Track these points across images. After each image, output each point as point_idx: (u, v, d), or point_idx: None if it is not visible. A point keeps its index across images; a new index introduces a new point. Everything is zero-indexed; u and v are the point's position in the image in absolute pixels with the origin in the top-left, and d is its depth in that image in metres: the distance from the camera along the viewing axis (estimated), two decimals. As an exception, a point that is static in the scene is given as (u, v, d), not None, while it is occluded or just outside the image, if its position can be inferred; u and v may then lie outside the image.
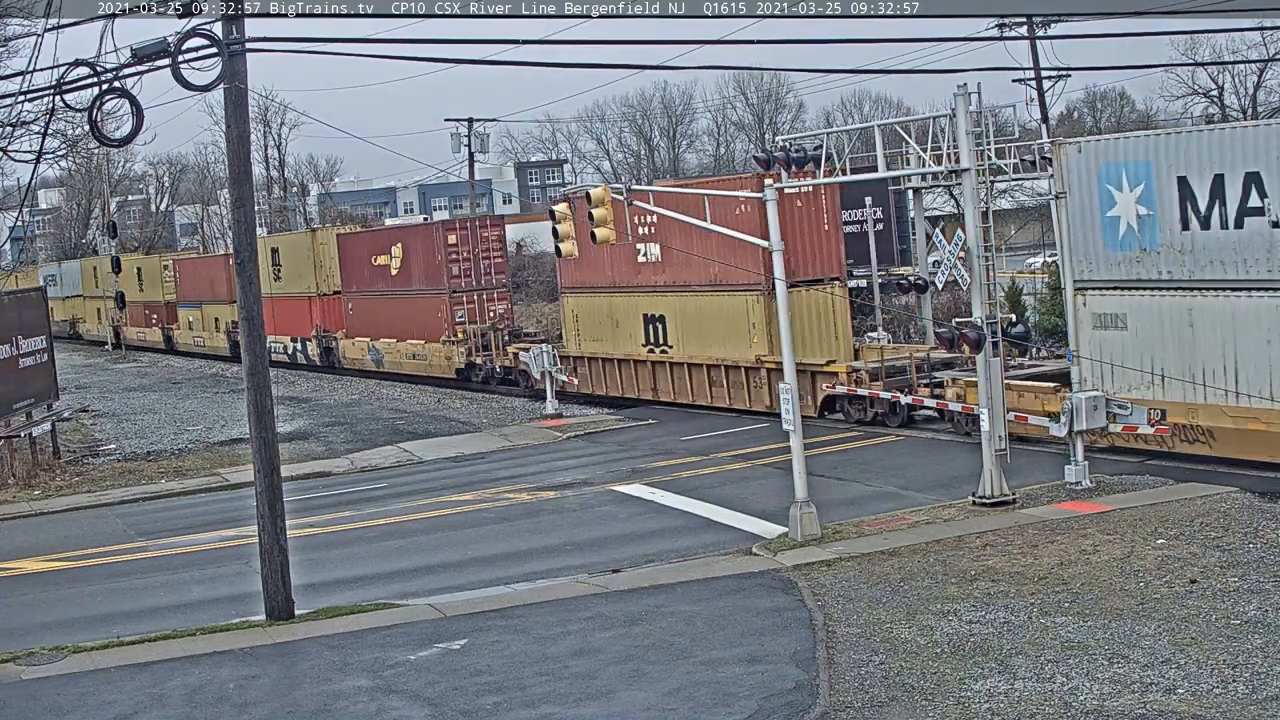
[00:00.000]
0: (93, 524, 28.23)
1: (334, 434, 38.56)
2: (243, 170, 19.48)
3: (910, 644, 15.71)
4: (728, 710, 13.99)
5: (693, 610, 17.83)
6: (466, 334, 44.92)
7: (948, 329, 22.87)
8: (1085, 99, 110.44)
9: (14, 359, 34.50)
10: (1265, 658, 14.30)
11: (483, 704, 14.84)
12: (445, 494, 28.32)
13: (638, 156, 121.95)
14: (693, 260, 34.40)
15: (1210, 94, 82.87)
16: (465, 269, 45.56)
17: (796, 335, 28.68)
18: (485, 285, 45.79)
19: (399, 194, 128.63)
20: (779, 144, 24.74)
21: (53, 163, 52.20)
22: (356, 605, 19.51)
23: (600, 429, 35.47)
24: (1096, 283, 25.68)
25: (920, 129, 23.83)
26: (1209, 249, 23.69)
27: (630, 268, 37.68)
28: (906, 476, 26.01)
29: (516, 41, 21.80)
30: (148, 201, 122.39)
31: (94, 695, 16.24)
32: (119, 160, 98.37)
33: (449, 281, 45.61)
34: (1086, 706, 13.35)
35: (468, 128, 68.40)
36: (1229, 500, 21.50)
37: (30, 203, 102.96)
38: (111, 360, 71.23)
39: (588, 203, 23.48)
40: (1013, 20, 51.17)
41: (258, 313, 19.50)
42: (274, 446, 19.36)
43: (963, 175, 22.78)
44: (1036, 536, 20.30)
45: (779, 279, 22.00)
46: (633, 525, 24.12)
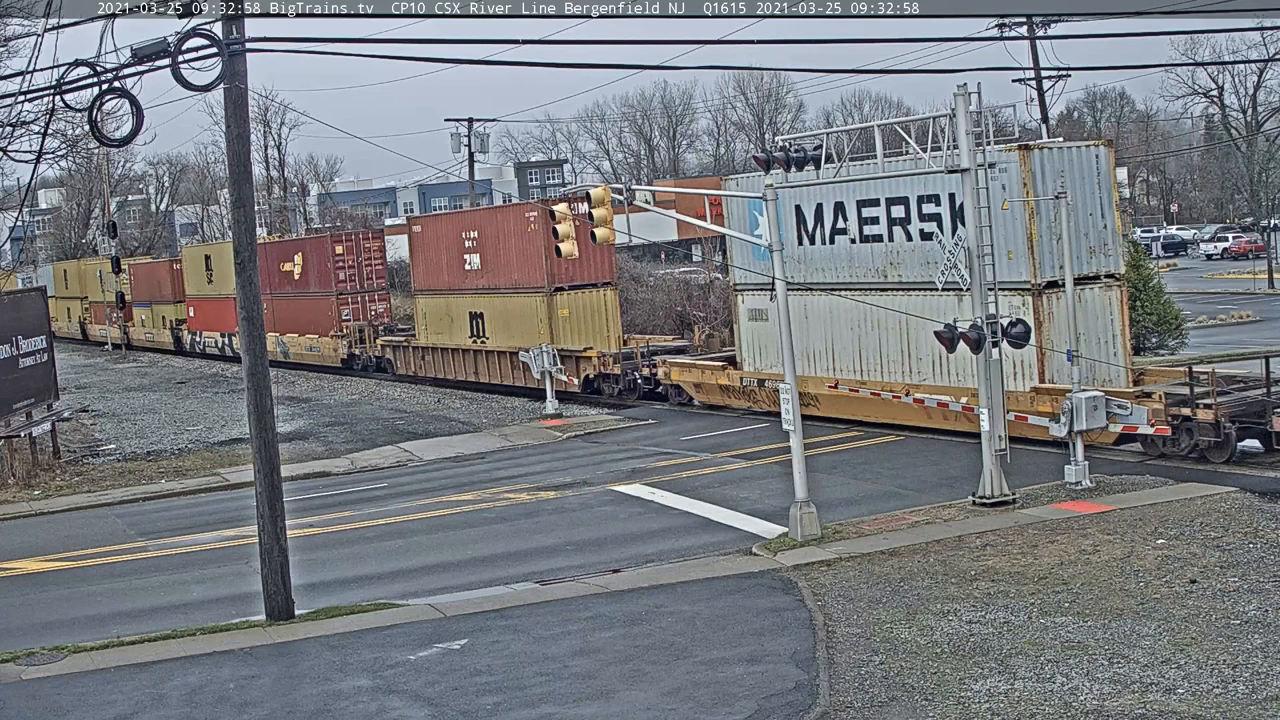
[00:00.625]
0: (93, 524, 28.23)
1: (334, 434, 38.57)
2: (243, 170, 19.48)
3: (910, 644, 15.71)
4: (728, 710, 14.00)
5: (693, 610, 17.84)
6: (349, 330, 52.97)
7: (947, 329, 22.86)
8: (1085, 99, 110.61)
9: (14, 359, 34.50)
10: (1265, 658, 14.31)
11: (483, 704, 14.84)
12: (445, 494, 28.32)
13: (638, 156, 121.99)
14: (500, 267, 43.01)
15: (1210, 94, 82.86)
16: (350, 275, 53.36)
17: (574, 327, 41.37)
18: (367, 288, 53.67)
19: (399, 194, 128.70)
20: (779, 144, 24.71)
21: (53, 163, 52.25)
22: (356, 605, 19.52)
23: (600, 429, 35.49)
24: (747, 285, 34.14)
25: (920, 129, 23.82)
26: (815, 259, 32.07)
27: (460, 274, 45.44)
28: (906, 476, 26.01)
29: (516, 41, 21.81)
30: (148, 201, 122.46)
31: (94, 695, 16.24)
32: (119, 160, 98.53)
33: (336, 285, 53.36)
34: (1086, 706, 13.36)
35: (468, 128, 68.40)
36: (1229, 500, 21.51)
37: (30, 203, 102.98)
38: (111, 360, 71.29)
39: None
40: (1013, 20, 51.15)
41: (258, 313, 19.51)
42: (274, 446, 19.36)
43: (963, 175, 22.77)
44: (1036, 536, 20.31)
45: (779, 279, 21.99)
46: (633, 525, 24.12)
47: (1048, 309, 26.74)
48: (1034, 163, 26.61)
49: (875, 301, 29.54)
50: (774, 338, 31.58)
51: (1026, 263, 26.70)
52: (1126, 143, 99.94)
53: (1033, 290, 26.71)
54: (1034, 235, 26.60)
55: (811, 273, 31.94)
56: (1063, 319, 25.82)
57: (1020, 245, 26.77)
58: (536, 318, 41.46)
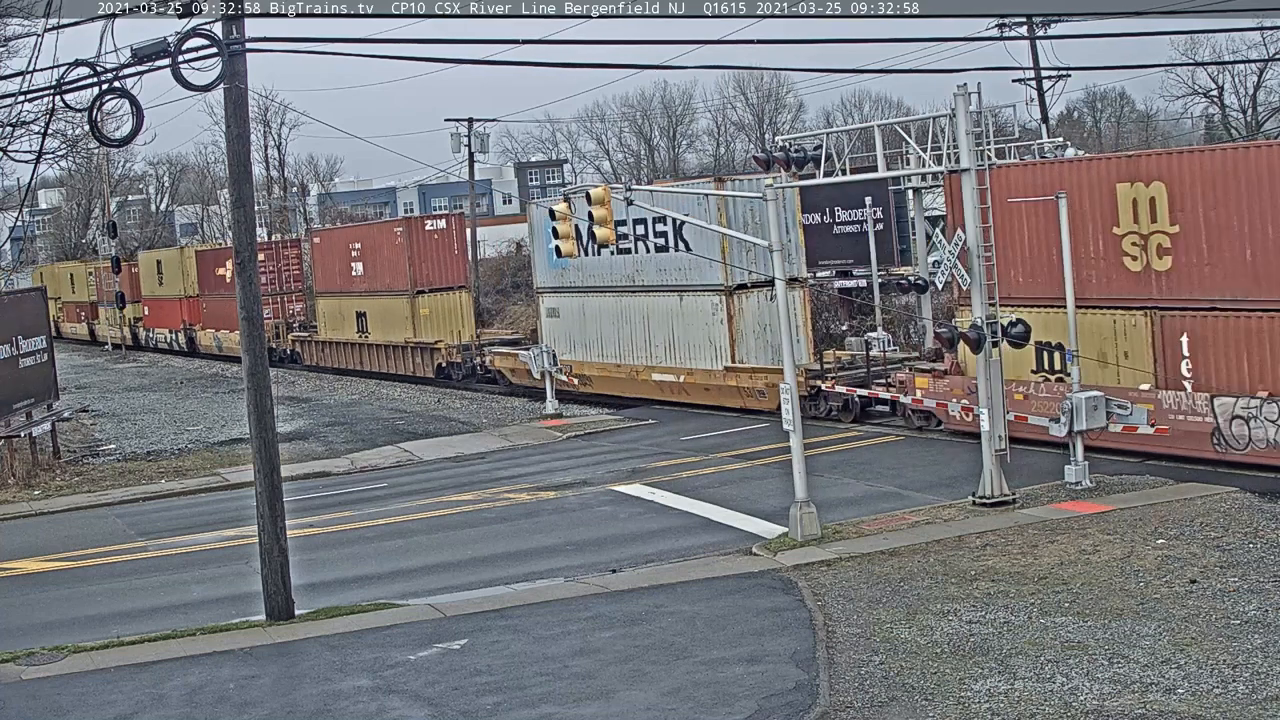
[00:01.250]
0: (93, 524, 28.23)
1: (334, 434, 38.57)
2: (243, 170, 19.48)
3: (910, 644, 15.71)
4: (728, 710, 14.00)
5: (693, 610, 17.84)
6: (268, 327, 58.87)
7: (948, 329, 22.87)
8: (1085, 99, 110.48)
9: (14, 359, 34.50)
10: (1265, 658, 14.31)
11: (483, 704, 14.84)
12: (445, 494, 28.32)
13: (638, 156, 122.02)
14: (377, 274, 50.74)
15: (1210, 94, 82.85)
16: (271, 278, 59.33)
17: (434, 323, 48.25)
18: (285, 290, 60.57)
19: (399, 194, 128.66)
20: (779, 144, 24.75)
21: (53, 163, 52.32)
22: (356, 605, 19.51)
23: (600, 429, 35.49)
24: (546, 288, 41.39)
25: (920, 129, 23.85)
26: (590, 268, 39.02)
27: (349, 279, 53.13)
28: (906, 476, 26.01)
29: (516, 41, 21.84)
30: (148, 201, 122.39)
31: (94, 695, 16.24)
32: (119, 160, 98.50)
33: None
34: (1086, 706, 13.36)
35: (468, 128, 68.37)
36: (1229, 500, 21.51)
37: (30, 203, 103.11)
38: (111, 360, 71.39)
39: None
40: (1013, 20, 51.15)
41: (258, 313, 19.54)
42: (274, 446, 19.36)
43: (963, 175, 22.78)
44: (1036, 536, 20.31)
45: (779, 279, 22.00)
46: (633, 525, 24.12)
47: (738, 305, 34.94)
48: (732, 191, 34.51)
49: (626, 302, 37.94)
50: (564, 331, 40.71)
51: (720, 269, 34.33)
52: (1127, 143, 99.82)
53: (724, 291, 34.62)
54: (726, 248, 33.56)
55: (588, 278, 39.34)
56: (750, 314, 34.90)
57: (714, 254, 33.52)
58: (403, 316, 49.07)
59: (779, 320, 22.19)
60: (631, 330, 37.95)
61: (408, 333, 48.70)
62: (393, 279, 49.84)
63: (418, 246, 48.84)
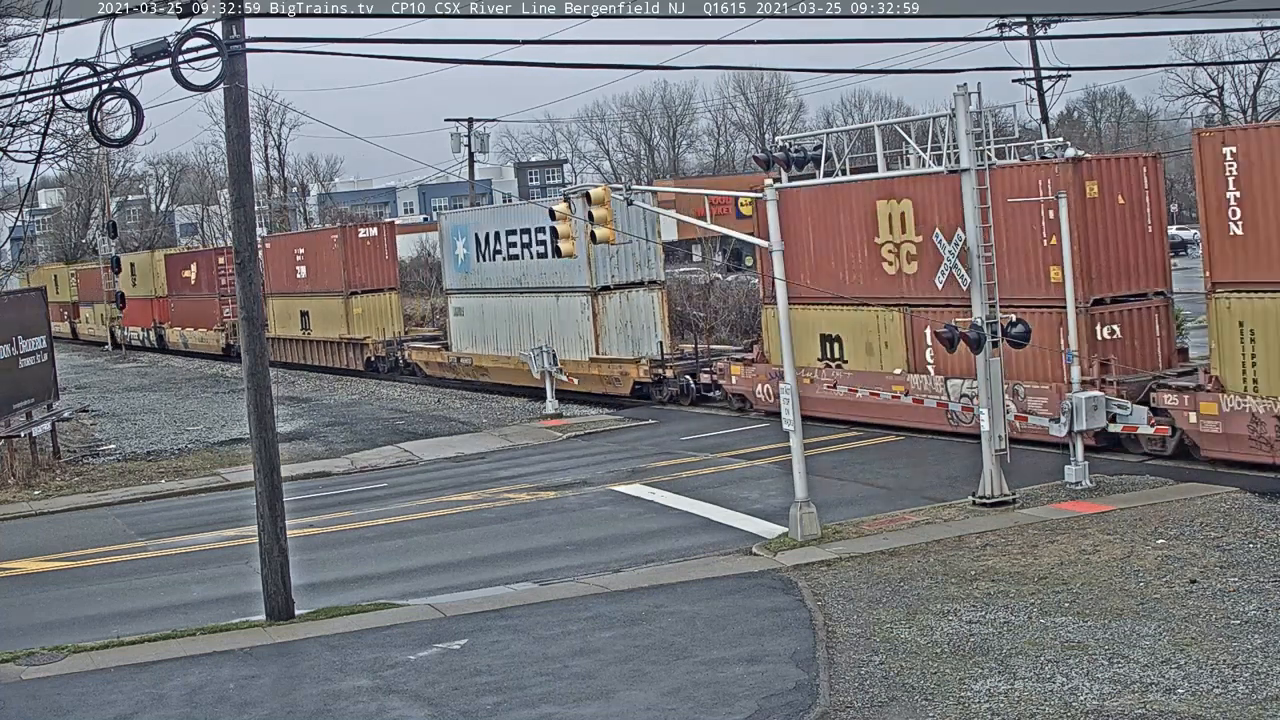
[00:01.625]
0: (93, 524, 28.23)
1: (334, 434, 38.57)
2: (243, 170, 19.48)
3: (910, 644, 15.71)
4: (728, 710, 14.00)
5: (693, 610, 17.84)
6: (227, 325, 63.78)
7: (947, 329, 22.86)
8: (1085, 99, 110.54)
9: (14, 359, 34.49)
10: (1265, 658, 14.31)
11: (483, 704, 14.84)
12: (445, 494, 28.33)
13: (638, 156, 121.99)
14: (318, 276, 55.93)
15: (1210, 94, 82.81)
16: (230, 280, 62.14)
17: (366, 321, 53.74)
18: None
19: (399, 194, 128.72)
20: (779, 144, 24.72)
21: (53, 163, 52.29)
22: (356, 605, 19.51)
23: (600, 429, 35.50)
24: (454, 290, 47.20)
25: (920, 129, 23.80)
26: (489, 272, 44.55)
27: (294, 281, 58.43)
28: (906, 476, 26.01)
29: (516, 41, 21.82)
30: (148, 201, 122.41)
31: (94, 695, 16.24)
32: (119, 160, 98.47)
33: (219, 289, 64.61)
34: (1086, 706, 13.36)
35: (468, 128, 68.44)
36: (1229, 500, 21.51)
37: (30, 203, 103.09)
38: (111, 360, 71.47)
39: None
40: (1013, 20, 51.18)
41: (258, 313, 19.53)
42: (274, 446, 19.36)
43: (962, 175, 22.77)
44: (1036, 536, 20.31)
45: (779, 279, 21.99)
46: (633, 525, 24.13)
47: (601, 304, 39.73)
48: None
49: (515, 302, 43.24)
50: (468, 328, 46.14)
51: (587, 272, 39.27)
52: (1127, 143, 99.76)
53: (591, 292, 39.41)
54: (591, 255, 38.05)
55: (485, 281, 44.86)
56: (613, 312, 39.83)
57: (582, 260, 37.75)
58: (339, 314, 54.41)
59: (780, 322, 22.18)
60: (519, 327, 43.12)
61: (342, 329, 54.36)
62: (330, 281, 55.02)
63: (352, 252, 53.95)
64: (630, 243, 37.76)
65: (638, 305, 40.41)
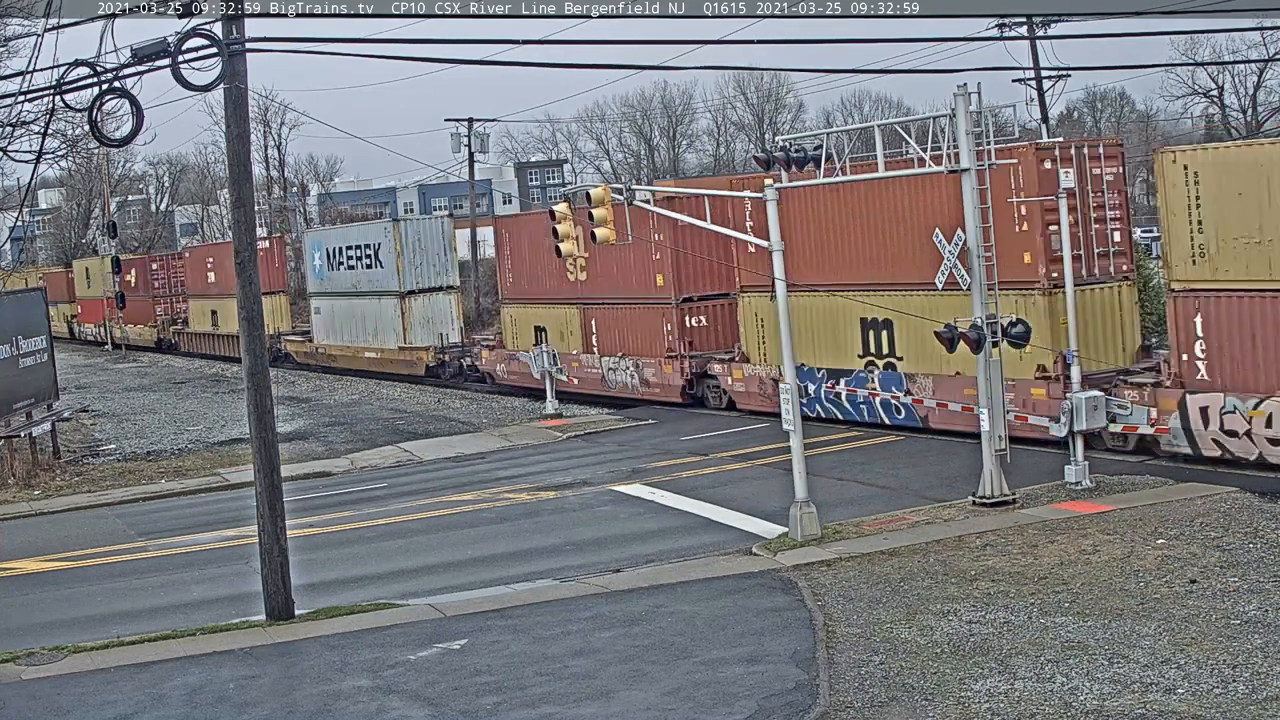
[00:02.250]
0: (93, 524, 28.23)
1: (334, 434, 38.57)
2: (243, 170, 19.49)
3: (910, 644, 15.71)
4: (728, 710, 14.00)
5: (693, 610, 17.84)
6: (158, 322, 76.07)
7: (947, 328, 22.85)
8: (1085, 99, 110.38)
9: (14, 359, 34.49)
10: (1265, 658, 14.30)
11: (483, 704, 14.84)
12: (445, 494, 28.33)
13: (638, 156, 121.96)
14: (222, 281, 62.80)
15: (1210, 94, 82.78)
16: (162, 283, 76.93)
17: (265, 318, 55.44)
18: (175, 293, 75.95)
19: (399, 194, 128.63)
20: (779, 144, 24.70)
21: (53, 163, 52.39)
22: (356, 605, 19.51)
23: (600, 429, 35.50)
24: (314, 293, 57.83)
25: (920, 129, 23.79)
26: (337, 279, 55.41)
27: (206, 285, 67.17)
28: (906, 476, 26.01)
29: (516, 41, 21.82)
30: (148, 201, 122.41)
31: (94, 695, 16.24)
32: (119, 160, 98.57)
33: (153, 290, 76.85)
34: (1086, 706, 13.35)
35: (468, 128, 68.42)
36: (1229, 500, 21.50)
37: (30, 203, 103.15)
38: (111, 360, 71.51)
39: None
40: (1013, 20, 51.14)
41: (258, 313, 19.55)
42: (274, 446, 19.36)
43: (963, 175, 22.76)
44: (1036, 536, 20.31)
45: (779, 279, 22.00)
46: (633, 525, 24.12)
47: (409, 305, 50.64)
48: (403, 228, 52.13)
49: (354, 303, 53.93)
50: (325, 324, 57.03)
51: (397, 279, 50.67)
52: (1126, 143, 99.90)
53: (399, 294, 50.47)
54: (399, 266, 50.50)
55: (334, 286, 55.93)
56: (417, 310, 50.86)
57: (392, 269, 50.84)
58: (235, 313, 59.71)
59: (779, 321, 22.19)
60: (356, 323, 54.21)
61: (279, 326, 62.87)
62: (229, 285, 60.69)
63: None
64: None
65: (438, 305, 51.28)
